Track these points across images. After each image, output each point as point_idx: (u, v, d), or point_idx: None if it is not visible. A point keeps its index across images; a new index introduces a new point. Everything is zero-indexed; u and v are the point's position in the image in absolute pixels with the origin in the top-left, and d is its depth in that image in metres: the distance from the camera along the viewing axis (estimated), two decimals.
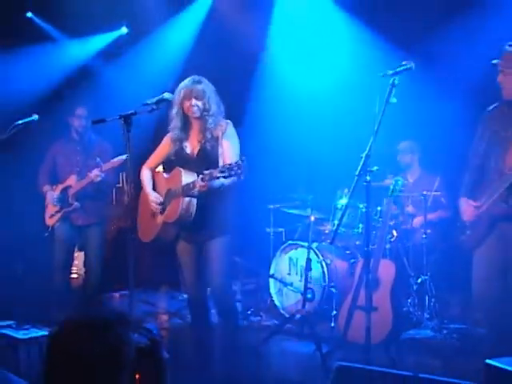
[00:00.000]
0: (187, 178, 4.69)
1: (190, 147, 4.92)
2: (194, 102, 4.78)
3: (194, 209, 4.72)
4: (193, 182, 4.58)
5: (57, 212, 6.57)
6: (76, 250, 6.99)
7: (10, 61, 7.57)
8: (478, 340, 5.80)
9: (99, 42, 8.47)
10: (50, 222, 6.62)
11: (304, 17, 8.08)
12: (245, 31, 8.16)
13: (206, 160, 4.77)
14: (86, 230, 6.66)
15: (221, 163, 4.63)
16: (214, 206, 4.77)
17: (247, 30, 8.19)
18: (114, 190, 6.81)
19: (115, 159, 6.17)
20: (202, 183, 4.46)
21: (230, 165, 4.28)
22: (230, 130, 4.88)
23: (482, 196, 4.68)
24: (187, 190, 4.64)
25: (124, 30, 8.50)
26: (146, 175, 5.12)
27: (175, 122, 4.91)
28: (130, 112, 4.28)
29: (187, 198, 4.69)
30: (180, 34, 8.41)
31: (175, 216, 4.75)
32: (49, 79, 7.90)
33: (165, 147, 5.07)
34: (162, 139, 5.12)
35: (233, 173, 4.23)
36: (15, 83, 7.51)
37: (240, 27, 8.21)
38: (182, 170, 4.78)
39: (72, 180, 6.49)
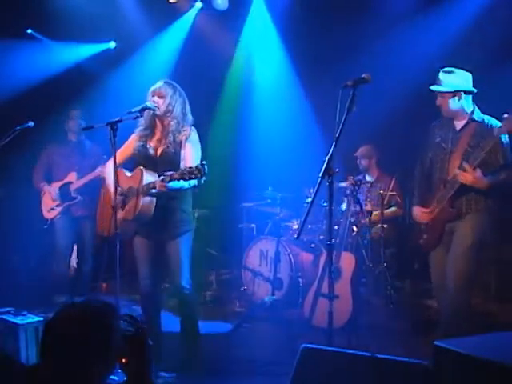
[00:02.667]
0: (148, 177, 4.48)
1: (154, 147, 4.71)
2: (156, 99, 4.61)
3: (153, 208, 4.49)
4: (153, 182, 4.38)
5: (57, 206, 6.52)
6: None
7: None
8: (428, 323, 5.87)
9: (88, 49, 8.24)
10: (49, 215, 6.57)
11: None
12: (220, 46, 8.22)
13: (168, 162, 4.58)
14: (82, 221, 6.65)
15: (182, 166, 4.46)
16: (173, 206, 4.60)
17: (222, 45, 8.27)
18: None
19: None
20: (162, 184, 4.30)
21: (190, 168, 4.12)
22: (194, 135, 4.67)
23: (432, 203, 4.81)
24: (147, 190, 4.41)
25: (112, 44, 8.41)
26: (108, 171, 4.77)
27: (141, 120, 4.70)
28: (116, 119, 4.23)
29: (147, 197, 4.46)
30: (165, 47, 8.30)
31: (134, 214, 4.50)
32: (34, 77, 7.52)
33: (129, 145, 4.83)
34: None
35: (193, 176, 4.09)
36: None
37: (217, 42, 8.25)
38: (143, 169, 4.56)
39: (72, 177, 6.51)
